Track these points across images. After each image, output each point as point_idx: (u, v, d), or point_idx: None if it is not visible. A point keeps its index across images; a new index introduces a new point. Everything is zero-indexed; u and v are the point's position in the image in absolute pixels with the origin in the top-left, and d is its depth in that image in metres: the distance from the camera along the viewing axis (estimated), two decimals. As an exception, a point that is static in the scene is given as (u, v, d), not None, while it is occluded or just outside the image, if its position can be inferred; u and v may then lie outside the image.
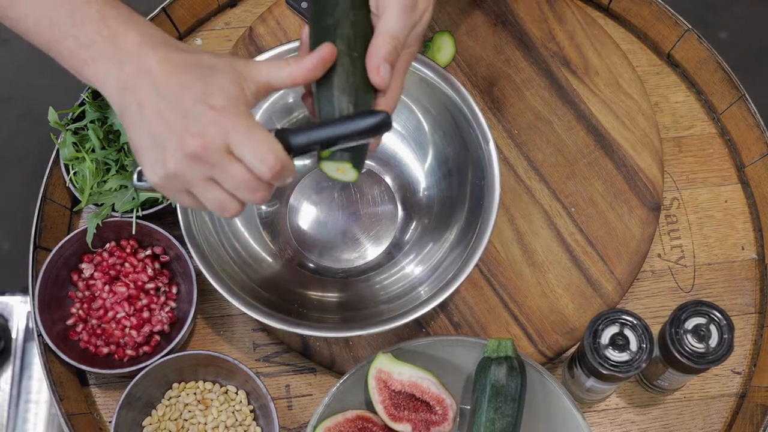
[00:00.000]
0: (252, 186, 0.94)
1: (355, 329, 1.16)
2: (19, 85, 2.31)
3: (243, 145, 0.92)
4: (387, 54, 1.00)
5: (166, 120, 0.93)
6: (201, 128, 0.92)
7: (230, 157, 0.93)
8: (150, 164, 0.96)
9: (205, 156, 0.92)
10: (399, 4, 1.01)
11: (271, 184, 0.96)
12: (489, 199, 1.19)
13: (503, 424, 1.16)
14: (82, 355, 1.26)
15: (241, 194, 0.95)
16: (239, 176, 0.93)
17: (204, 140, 0.92)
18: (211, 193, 0.96)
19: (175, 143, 0.93)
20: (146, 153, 0.95)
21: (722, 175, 1.38)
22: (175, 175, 0.94)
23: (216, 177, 0.94)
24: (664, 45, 1.41)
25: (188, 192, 0.97)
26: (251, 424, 1.24)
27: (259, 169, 0.93)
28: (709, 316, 1.14)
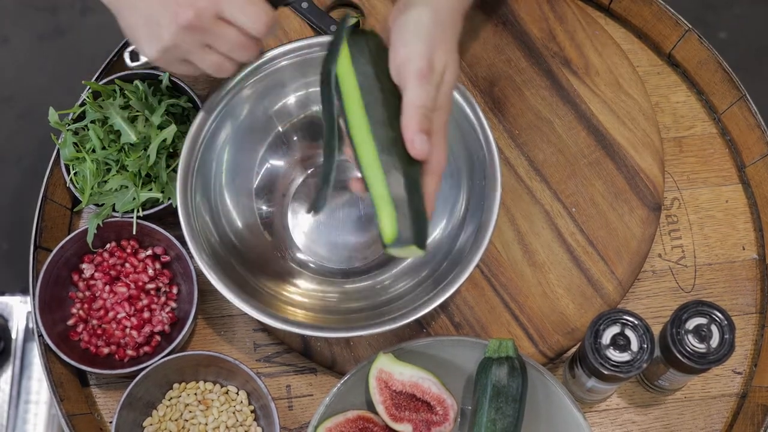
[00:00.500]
0: (244, 45, 1.06)
1: (356, 329, 1.16)
2: (19, 85, 2.31)
3: (234, 9, 1.03)
4: (418, 125, 1.03)
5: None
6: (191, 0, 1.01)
7: (222, 22, 1.04)
8: (146, 40, 1.05)
9: (199, 24, 1.02)
10: (415, 74, 1.04)
11: (260, 40, 1.07)
12: (490, 200, 1.19)
13: (504, 424, 1.16)
14: (82, 355, 1.26)
15: (236, 53, 1.07)
16: (233, 38, 1.05)
17: (196, 10, 1.02)
18: (208, 58, 1.07)
19: (168, 17, 1.02)
20: (141, 31, 1.05)
21: (723, 175, 1.38)
22: (173, 47, 1.04)
23: (211, 42, 1.05)
24: (664, 45, 1.41)
25: (185, 60, 1.08)
26: (252, 425, 1.24)
27: (251, 27, 1.04)
28: (710, 316, 1.14)
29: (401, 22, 1.06)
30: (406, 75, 1.04)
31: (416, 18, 1.06)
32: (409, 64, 1.04)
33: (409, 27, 1.06)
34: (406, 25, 1.06)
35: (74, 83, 1.34)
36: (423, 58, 1.04)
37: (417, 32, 1.05)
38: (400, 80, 1.05)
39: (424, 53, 1.04)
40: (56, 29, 2.35)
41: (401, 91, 1.05)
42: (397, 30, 1.06)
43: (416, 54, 1.04)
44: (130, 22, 1.05)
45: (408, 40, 1.05)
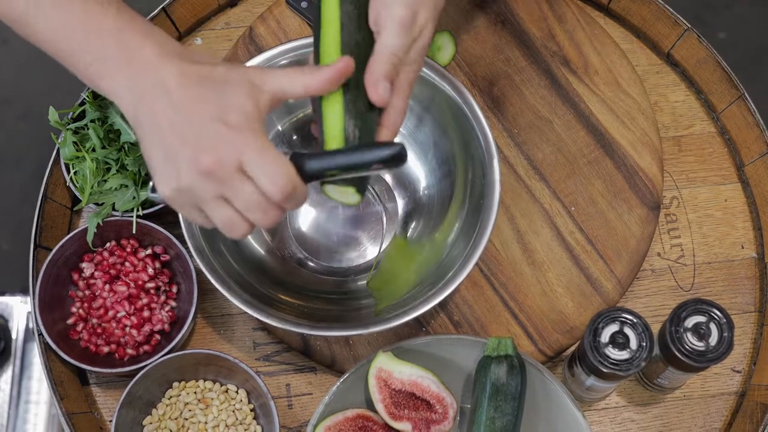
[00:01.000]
0: (262, 207, 0.94)
1: (356, 328, 1.16)
2: (19, 86, 2.31)
3: (255, 165, 0.93)
4: (386, 72, 1.01)
5: (181, 134, 0.93)
6: (215, 145, 0.92)
7: (242, 176, 0.93)
8: (162, 177, 0.96)
9: (218, 173, 0.93)
10: (396, 20, 1.01)
11: (281, 207, 0.96)
12: (489, 198, 1.19)
13: (503, 422, 1.16)
14: (82, 354, 1.26)
15: (252, 215, 0.95)
16: (250, 196, 0.94)
17: (217, 157, 0.92)
18: (221, 211, 0.96)
19: (188, 158, 0.93)
20: (159, 166, 0.96)
21: (722, 174, 1.38)
22: (187, 190, 0.95)
23: (227, 195, 0.94)
24: (663, 44, 1.42)
25: (198, 208, 0.97)
26: (251, 423, 1.24)
27: (269, 190, 0.93)
28: (709, 315, 1.14)
29: None
30: (385, 19, 1.02)
31: None
32: (392, 9, 1.02)
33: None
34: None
35: (74, 85, 1.34)
36: (407, 7, 1.02)
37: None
38: (378, 24, 1.03)
39: (409, 3, 1.02)
40: (56, 30, 2.35)
41: (376, 35, 1.03)
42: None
43: (401, 2, 1.02)
44: (150, 152, 0.97)
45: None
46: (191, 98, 0.94)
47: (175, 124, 0.94)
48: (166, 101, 0.94)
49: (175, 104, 0.94)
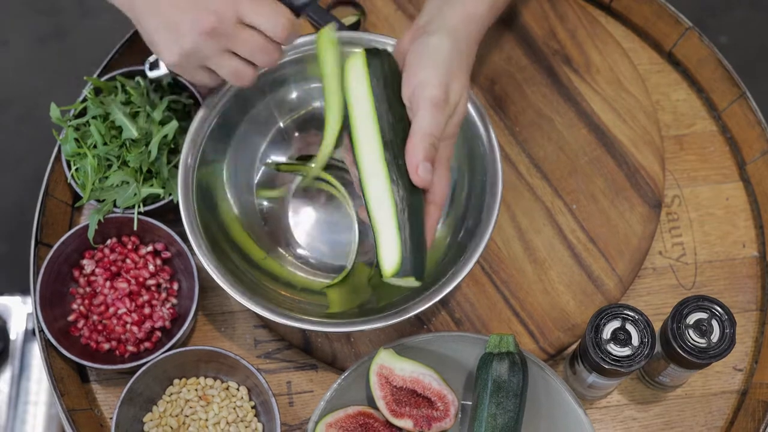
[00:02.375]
0: (265, 48, 1.06)
1: (357, 324, 1.16)
2: (19, 88, 2.31)
3: (254, 13, 1.03)
4: (425, 153, 1.03)
5: (178, 3, 1.02)
6: (211, 5, 1.01)
7: (243, 27, 1.04)
8: (166, 46, 1.05)
9: (220, 29, 1.02)
10: (430, 102, 1.04)
11: (280, 45, 1.07)
12: (491, 196, 1.19)
13: (505, 419, 1.15)
14: (83, 351, 1.25)
15: (257, 58, 1.06)
16: (254, 42, 1.05)
17: (217, 15, 1.01)
18: (228, 63, 1.06)
19: (189, 23, 1.02)
20: (162, 36, 1.04)
21: (723, 172, 1.38)
22: (193, 52, 1.04)
23: (231, 47, 1.05)
24: (665, 43, 1.42)
25: (204, 67, 1.07)
26: (252, 420, 1.24)
27: (273, 31, 1.03)
28: (710, 311, 1.14)
29: (420, 46, 1.07)
30: (419, 100, 1.04)
31: (436, 45, 1.06)
32: (425, 90, 1.04)
33: (429, 52, 1.06)
34: (425, 50, 1.06)
35: (74, 85, 1.34)
36: (440, 86, 1.04)
37: (436, 59, 1.05)
38: (413, 104, 1.05)
39: (442, 81, 1.04)
40: (56, 32, 2.35)
41: (411, 115, 1.05)
42: (416, 54, 1.06)
43: (433, 81, 1.04)
44: (149, 27, 1.05)
45: (426, 65, 1.05)
46: None
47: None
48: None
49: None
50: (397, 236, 1.04)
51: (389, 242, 1.04)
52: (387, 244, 1.05)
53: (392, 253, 1.04)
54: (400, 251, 1.04)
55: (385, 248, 1.05)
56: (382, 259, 1.05)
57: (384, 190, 1.04)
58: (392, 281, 1.07)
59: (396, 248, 1.04)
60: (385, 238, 1.05)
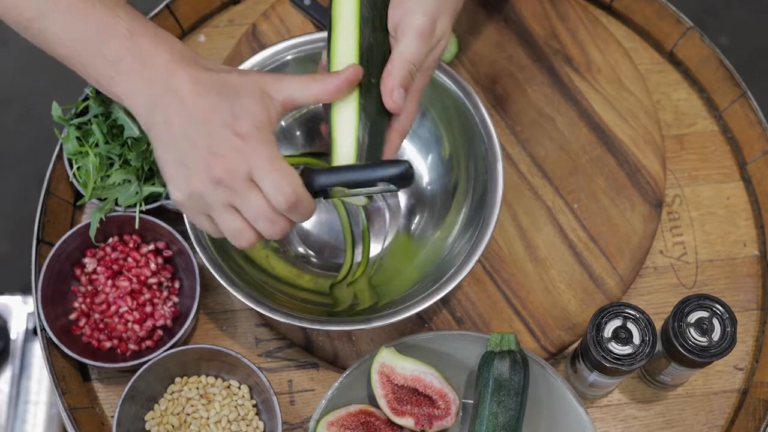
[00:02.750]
0: (270, 217, 0.97)
1: (358, 323, 1.16)
2: (19, 88, 2.31)
3: (263, 174, 0.95)
4: (402, 79, 1.03)
5: (193, 141, 0.96)
6: (226, 154, 0.95)
7: (252, 186, 0.96)
8: (175, 181, 0.98)
9: (228, 181, 0.95)
10: (417, 29, 1.03)
11: (288, 219, 0.98)
12: (492, 195, 1.19)
13: (506, 418, 1.16)
14: (84, 349, 1.25)
15: (259, 224, 0.97)
16: (258, 205, 0.96)
17: (227, 166, 0.94)
18: (230, 220, 0.98)
19: (200, 165, 0.95)
20: (172, 170, 0.98)
21: (724, 172, 1.38)
22: (198, 196, 0.97)
23: (236, 204, 0.97)
24: (666, 43, 1.42)
25: (208, 216, 0.99)
26: (254, 419, 1.24)
27: (274, 199, 0.95)
28: (711, 310, 1.14)
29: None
30: (405, 27, 1.04)
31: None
32: (413, 18, 1.03)
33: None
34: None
35: (74, 86, 1.34)
36: (428, 16, 1.04)
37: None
38: (398, 32, 1.04)
39: (430, 12, 1.04)
40: (57, 32, 2.35)
41: (395, 41, 1.05)
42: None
43: (422, 10, 1.03)
44: (163, 157, 0.99)
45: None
46: (204, 106, 0.96)
47: (188, 131, 0.96)
48: (179, 108, 0.96)
49: (188, 111, 0.96)
50: (354, 151, 1.03)
51: (345, 149, 1.03)
52: (343, 150, 1.03)
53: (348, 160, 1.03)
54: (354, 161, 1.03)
55: (340, 154, 1.03)
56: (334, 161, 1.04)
57: (351, 106, 1.03)
58: None
59: (351, 158, 1.03)
60: (341, 152, 1.03)
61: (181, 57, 0.99)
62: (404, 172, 1.00)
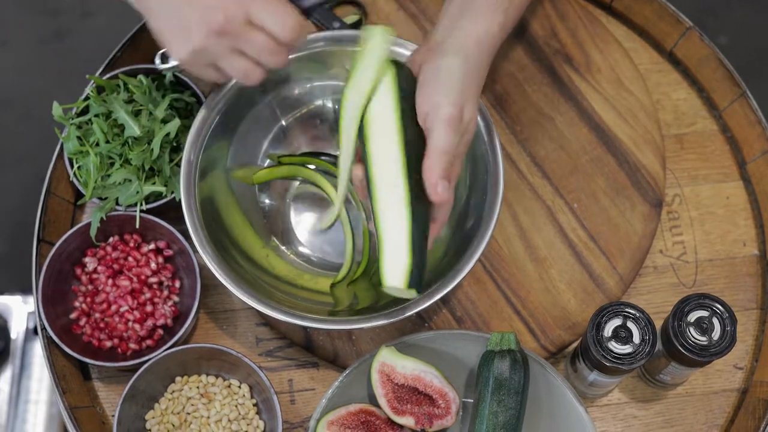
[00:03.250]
0: (273, 50, 1.06)
1: (358, 322, 1.16)
2: (19, 88, 2.31)
3: (263, 14, 1.03)
4: (443, 171, 1.05)
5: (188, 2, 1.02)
6: (221, 4, 1.02)
7: (252, 27, 1.04)
8: (176, 43, 1.06)
9: (229, 29, 1.03)
10: (446, 121, 1.06)
11: (288, 46, 1.06)
12: (492, 195, 1.19)
13: (506, 417, 1.16)
14: (85, 348, 1.26)
15: (264, 59, 1.06)
16: (262, 43, 1.05)
17: (226, 15, 1.02)
18: (237, 62, 1.07)
19: (199, 21, 1.02)
20: (172, 34, 1.05)
21: (724, 171, 1.38)
22: (202, 50, 1.05)
23: (240, 47, 1.05)
24: (665, 43, 1.42)
25: (213, 65, 1.07)
26: (254, 418, 1.24)
27: (281, 33, 1.04)
28: (711, 309, 1.14)
29: (434, 67, 1.09)
30: (435, 119, 1.06)
31: (449, 67, 1.08)
32: (440, 110, 1.06)
33: (442, 74, 1.08)
34: (438, 71, 1.08)
35: (75, 86, 1.35)
36: (455, 106, 1.06)
37: (450, 81, 1.08)
38: (428, 124, 1.07)
39: (457, 102, 1.06)
40: (56, 32, 2.35)
41: (426, 132, 1.07)
42: (430, 75, 1.08)
43: (449, 101, 1.06)
44: (159, 24, 1.06)
45: (440, 87, 1.07)
46: None
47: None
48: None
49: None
50: (408, 250, 1.06)
51: (399, 255, 1.06)
52: (395, 256, 1.06)
53: (401, 266, 1.06)
54: (409, 266, 1.06)
55: (391, 260, 1.06)
56: (386, 271, 1.06)
57: (402, 204, 1.06)
58: (391, 291, 1.08)
59: (406, 262, 1.06)
60: (394, 251, 1.06)
61: None
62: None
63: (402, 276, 1.06)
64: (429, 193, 1.06)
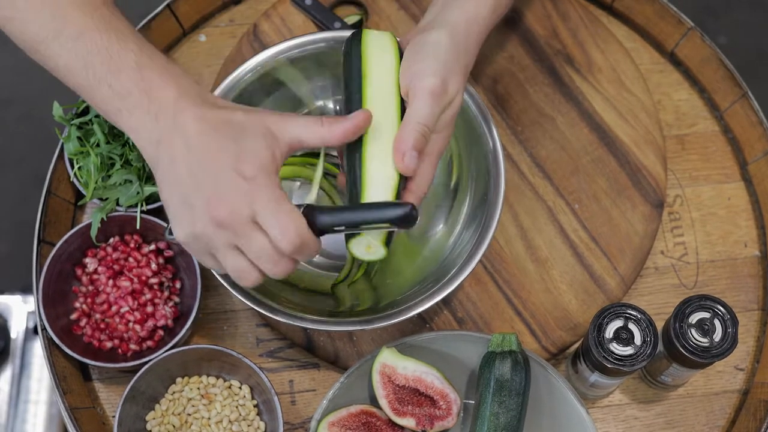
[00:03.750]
0: (273, 258, 0.97)
1: (359, 324, 1.16)
2: (20, 88, 2.31)
3: (267, 217, 0.95)
4: (414, 141, 1.03)
5: (197, 181, 0.96)
6: (229, 196, 0.95)
7: (255, 227, 0.95)
8: (178, 221, 0.98)
9: (231, 223, 0.95)
10: (428, 90, 1.03)
11: (293, 259, 0.98)
12: (493, 195, 1.19)
13: (507, 418, 1.16)
14: (85, 349, 1.25)
15: (263, 265, 0.97)
16: (262, 247, 0.96)
17: (231, 208, 0.94)
18: (234, 260, 0.98)
19: (203, 206, 0.95)
20: (176, 209, 0.98)
21: (725, 172, 1.38)
22: (201, 237, 0.97)
23: (239, 245, 0.96)
24: (667, 43, 1.42)
25: (211, 254, 0.99)
26: (255, 419, 1.24)
27: (279, 242, 0.95)
28: (712, 311, 1.14)
29: (419, 40, 1.07)
30: (416, 89, 1.04)
31: (435, 40, 1.07)
32: (423, 80, 1.04)
33: (427, 47, 1.06)
34: (424, 44, 1.07)
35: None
36: (438, 77, 1.04)
37: (435, 52, 1.06)
38: (409, 93, 1.05)
39: (440, 72, 1.04)
40: (57, 31, 2.35)
41: (407, 104, 1.05)
42: (414, 47, 1.07)
43: (432, 71, 1.04)
44: (167, 194, 0.99)
45: (424, 57, 1.05)
46: (209, 145, 0.96)
47: (192, 170, 0.96)
48: (184, 146, 0.96)
49: (193, 150, 0.96)
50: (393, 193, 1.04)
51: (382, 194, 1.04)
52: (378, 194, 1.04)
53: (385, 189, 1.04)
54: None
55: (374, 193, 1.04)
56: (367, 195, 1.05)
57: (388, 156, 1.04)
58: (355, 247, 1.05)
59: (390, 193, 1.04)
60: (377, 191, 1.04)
61: (188, 93, 0.99)
62: (407, 213, 0.99)
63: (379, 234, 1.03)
64: (396, 161, 1.03)
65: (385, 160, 1.04)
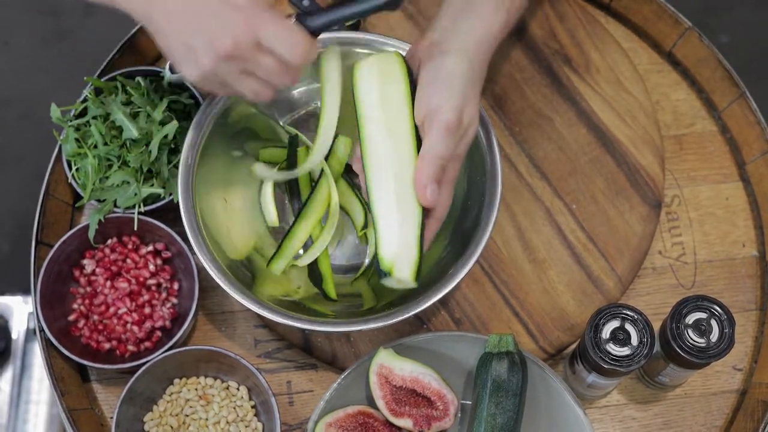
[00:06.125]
0: (283, 72, 1.04)
1: (356, 324, 1.16)
2: (20, 88, 2.31)
3: (272, 38, 1.01)
4: (434, 175, 1.06)
5: (194, 23, 1.01)
6: (228, 29, 1.00)
7: (261, 50, 1.02)
8: (185, 66, 1.04)
9: (238, 53, 1.01)
10: (444, 125, 1.06)
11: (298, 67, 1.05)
12: (491, 196, 1.19)
13: (504, 419, 1.16)
14: (83, 350, 1.26)
15: (274, 80, 1.05)
16: (271, 66, 1.03)
17: (233, 40, 1.00)
18: (247, 84, 1.06)
19: (206, 46, 1.01)
20: (180, 56, 1.04)
21: (723, 172, 1.38)
22: (211, 73, 1.03)
23: (249, 69, 1.04)
24: (665, 43, 1.42)
25: (225, 85, 1.06)
26: (252, 420, 1.24)
27: (290, 57, 1.02)
28: (709, 311, 1.14)
29: (435, 67, 1.08)
30: (433, 122, 1.06)
31: (451, 68, 1.08)
32: (440, 114, 1.06)
33: (444, 76, 1.08)
34: (439, 73, 1.08)
35: (76, 86, 1.34)
36: (455, 111, 1.06)
37: (451, 83, 1.08)
38: (425, 125, 1.07)
39: (457, 106, 1.06)
40: (58, 32, 2.35)
41: (422, 132, 1.08)
42: (430, 75, 1.08)
43: (449, 106, 1.06)
44: (168, 46, 1.04)
45: (441, 89, 1.07)
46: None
47: (187, 13, 1.01)
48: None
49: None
50: (417, 245, 1.08)
51: (408, 249, 1.07)
52: (404, 249, 1.07)
53: (411, 259, 1.08)
54: (418, 259, 1.08)
55: (399, 252, 1.07)
56: (396, 263, 1.07)
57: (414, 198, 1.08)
58: (388, 282, 1.08)
59: (415, 255, 1.08)
60: (402, 244, 1.07)
61: None
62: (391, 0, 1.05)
63: (411, 268, 1.07)
64: (417, 195, 1.07)
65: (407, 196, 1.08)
